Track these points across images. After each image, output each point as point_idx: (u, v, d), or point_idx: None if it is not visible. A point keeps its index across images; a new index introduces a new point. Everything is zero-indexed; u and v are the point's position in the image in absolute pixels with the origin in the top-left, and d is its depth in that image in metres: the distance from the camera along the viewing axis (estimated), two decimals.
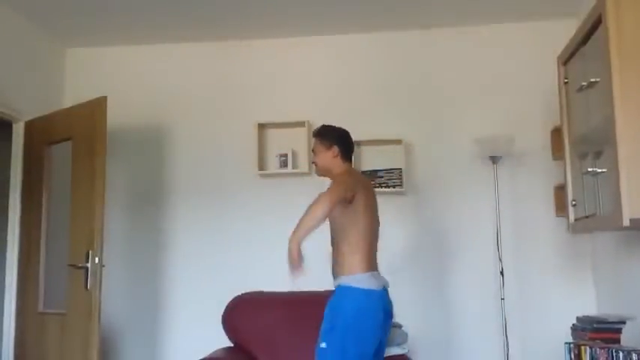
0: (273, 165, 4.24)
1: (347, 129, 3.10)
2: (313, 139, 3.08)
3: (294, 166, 4.17)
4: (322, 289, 3.26)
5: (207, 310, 4.09)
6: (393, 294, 3.61)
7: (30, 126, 4.09)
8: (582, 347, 2.82)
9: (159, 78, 4.50)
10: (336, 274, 2.88)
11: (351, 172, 2.99)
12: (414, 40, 4.30)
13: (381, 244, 2.99)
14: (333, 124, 3.10)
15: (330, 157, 2.99)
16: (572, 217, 3.07)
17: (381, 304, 2.82)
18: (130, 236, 4.36)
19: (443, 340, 3.97)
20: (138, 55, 4.55)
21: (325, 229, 2.86)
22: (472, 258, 4.02)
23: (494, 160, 3.89)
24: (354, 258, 2.82)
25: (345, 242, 2.84)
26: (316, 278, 3.16)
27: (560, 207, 3.78)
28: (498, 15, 4.08)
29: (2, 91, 3.87)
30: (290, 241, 2.63)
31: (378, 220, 2.99)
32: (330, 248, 2.93)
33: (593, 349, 2.74)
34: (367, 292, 2.78)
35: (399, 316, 3.90)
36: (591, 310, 3.79)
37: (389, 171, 4.07)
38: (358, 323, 2.74)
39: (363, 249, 2.84)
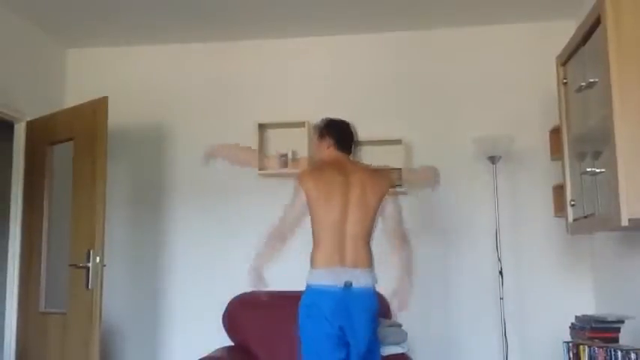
0: (273, 165, 4.25)
1: None
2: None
3: (294, 166, 4.18)
4: None
5: (207, 309, 4.11)
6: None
7: (31, 126, 4.10)
8: (581, 346, 2.83)
9: (159, 78, 4.51)
10: None
11: (320, 162, 3.01)
12: (414, 40, 4.31)
13: (381, 244, 2.98)
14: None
15: (315, 145, 3.11)
16: (570, 217, 3.08)
17: (330, 302, 2.70)
18: (130, 236, 4.38)
19: (442, 339, 3.98)
20: (139, 55, 4.56)
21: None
22: (471, 258, 4.03)
23: (493, 160, 3.90)
24: (314, 253, 2.82)
25: (312, 237, 2.86)
26: None
27: (559, 207, 3.79)
28: (498, 15, 4.09)
29: (4, 91, 3.88)
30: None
31: (352, 209, 2.81)
32: None
33: (592, 349, 2.76)
34: (314, 290, 2.75)
35: (399, 315, 3.92)
36: (590, 309, 3.80)
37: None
38: (304, 324, 2.76)
39: (323, 242, 2.80)
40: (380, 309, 2.91)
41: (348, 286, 2.71)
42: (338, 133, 3.01)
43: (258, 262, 2.90)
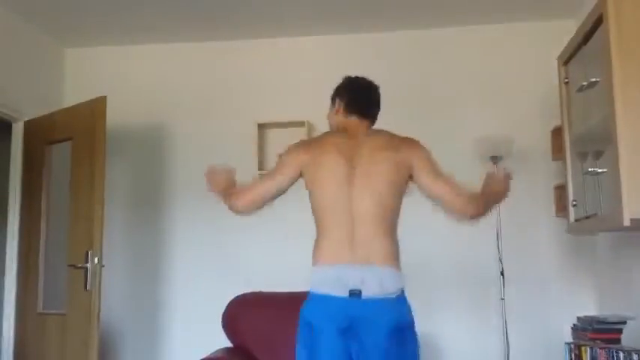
0: (273, 165, 4.22)
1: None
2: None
3: None
4: None
5: (207, 310, 4.09)
6: None
7: (29, 126, 4.08)
8: (583, 347, 2.82)
9: (159, 78, 4.49)
10: None
11: (324, 135, 2.38)
12: (414, 40, 4.29)
13: None
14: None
15: (328, 116, 2.48)
16: (572, 218, 3.07)
17: (331, 320, 2.04)
18: (129, 236, 4.36)
19: (442, 339, 3.96)
20: (137, 54, 4.54)
21: None
22: (472, 258, 4.02)
23: (494, 160, 3.89)
24: (315, 244, 2.20)
25: (315, 225, 2.23)
26: None
27: (561, 207, 3.78)
28: (498, 15, 4.07)
29: (2, 90, 3.86)
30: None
31: (360, 181, 2.17)
32: None
33: (594, 350, 2.74)
34: (313, 300, 2.12)
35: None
36: (592, 310, 3.78)
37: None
38: (298, 343, 2.18)
39: (326, 229, 2.16)
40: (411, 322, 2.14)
41: (354, 295, 2.01)
42: (350, 93, 2.40)
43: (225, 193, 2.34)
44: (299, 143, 2.38)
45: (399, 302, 2.10)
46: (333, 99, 2.46)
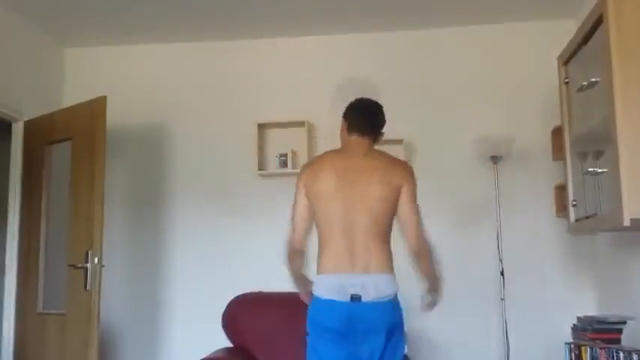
0: (273, 165, 4.24)
1: None
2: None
3: (294, 166, 4.15)
4: None
5: (207, 310, 4.09)
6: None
7: (29, 126, 4.08)
8: (583, 347, 2.82)
9: (159, 78, 4.49)
10: None
11: (324, 154, 2.62)
12: (415, 40, 4.29)
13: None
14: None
15: (340, 134, 2.66)
16: (572, 218, 3.07)
17: (335, 320, 2.34)
18: (129, 236, 4.36)
19: (443, 340, 3.96)
20: (137, 54, 4.54)
21: None
22: (472, 258, 4.02)
23: (494, 160, 3.89)
24: (318, 255, 2.45)
25: (318, 237, 2.50)
26: None
27: (561, 207, 3.78)
28: (498, 15, 4.07)
29: (2, 91, 3.86)
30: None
31: (357, 197, 2.41)
32: None
33: (594, 350, 2.74)
34: (318, 303, 2.42)
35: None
36: (592, 310, 3.78)
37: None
38: (309, 341, 2.45)
39: (328, 241, 2.42)
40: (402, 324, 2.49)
41: (355, 300, 2.31)
42: (353, 114, 2.59)
43: (292, 272, 2.61)
44: (304, 166, 2.62)
45: (393, 305, 2.41)
46: (342, 121, 2.66)
